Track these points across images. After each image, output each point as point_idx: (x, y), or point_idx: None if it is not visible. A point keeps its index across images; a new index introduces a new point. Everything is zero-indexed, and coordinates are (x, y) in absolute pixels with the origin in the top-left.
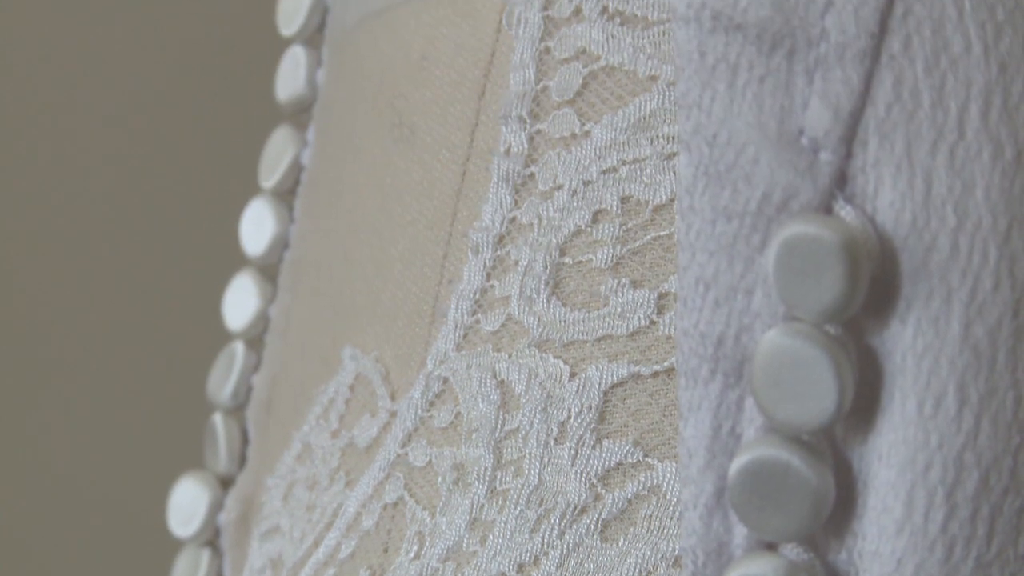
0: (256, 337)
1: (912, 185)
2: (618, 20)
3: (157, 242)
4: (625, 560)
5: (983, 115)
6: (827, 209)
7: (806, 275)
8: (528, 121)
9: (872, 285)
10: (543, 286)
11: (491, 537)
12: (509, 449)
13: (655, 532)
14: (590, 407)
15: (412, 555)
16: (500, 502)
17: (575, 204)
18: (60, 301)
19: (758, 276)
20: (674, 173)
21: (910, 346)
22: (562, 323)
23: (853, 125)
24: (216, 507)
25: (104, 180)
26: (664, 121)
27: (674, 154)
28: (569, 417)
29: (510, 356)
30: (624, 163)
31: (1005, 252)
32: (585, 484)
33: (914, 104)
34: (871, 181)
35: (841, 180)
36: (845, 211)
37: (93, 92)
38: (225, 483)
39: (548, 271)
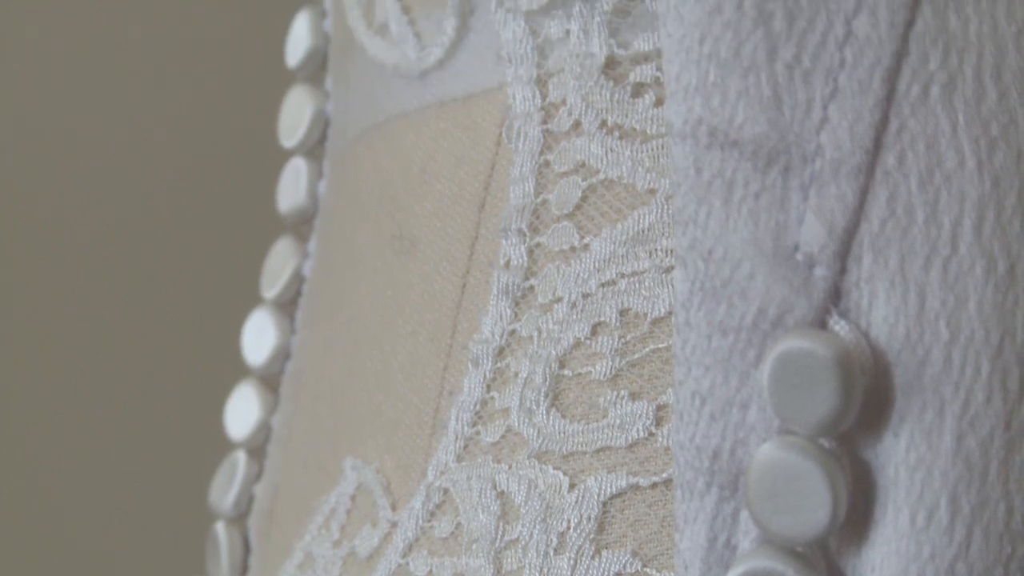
0: (258, 447)
1: (906, 300)
2: (617, 134)
3: (158, 352)
4: None
5: (976, 230)
6: (821, 324)
7: (800, 389)
8: (528, 234)
9: (866, 399)
10: (543, 398)
11: None
12: (509, 559)
13: None
14: (589, 518)
15: None
16: None
17: (574, 317)
18: (56, 419)
19: (753, 390)
20: (672, 286)
21: (903, 459)
22: (561, 434)
23: (848, 241)
24: None
25: (107, 283)
26: (662, 234)
27: (672, 267)
28: (568, 528)
29: (510, 467)
30: (623, 276)
31: (997, 365)
32: None
33: (908, 219)
34: (865, 296)
35: (835, 295)
36: (839, 326)
37: (99, 173)
38: None
39: (548, 383)
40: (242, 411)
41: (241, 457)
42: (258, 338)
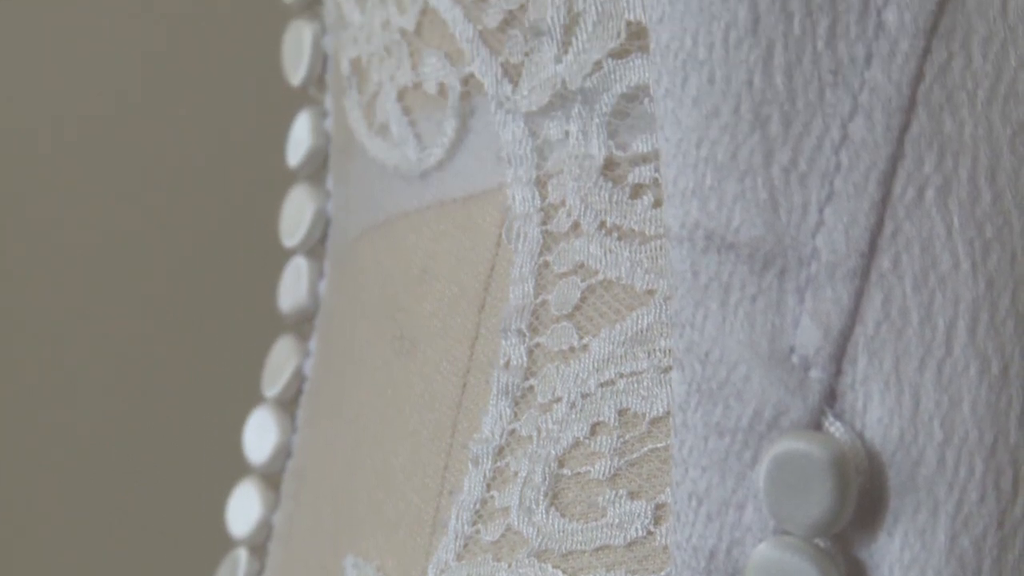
0: (260, 544)
1: (900, 401)
2: (616, 235)
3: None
4: None
5: (970, 331)
6: (817, 425)
7: (796, 490)
8: (527, 334)
9: (860, 499)
10: (542, 497)
11: None
12: None
13: None
14: None
15: None
16: None
17: (573, 416)
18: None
19: (749, 491)
20: (670, 386)
21: (897, 558)
22: (561, 533)
23: (843, 343)
24: None
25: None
26: (661, 335)
27: (670, 367)
28: None
29: (510, 566)
30: (622, 376)
31: (991, 465)
32: None
33: (903, 322)
34: (860, 398)
35: (831, 397)
36: (835, 427)
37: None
38: None
39: (547, 482)
40: (244, 509)
41: (243, 555)
42: (259, 436)
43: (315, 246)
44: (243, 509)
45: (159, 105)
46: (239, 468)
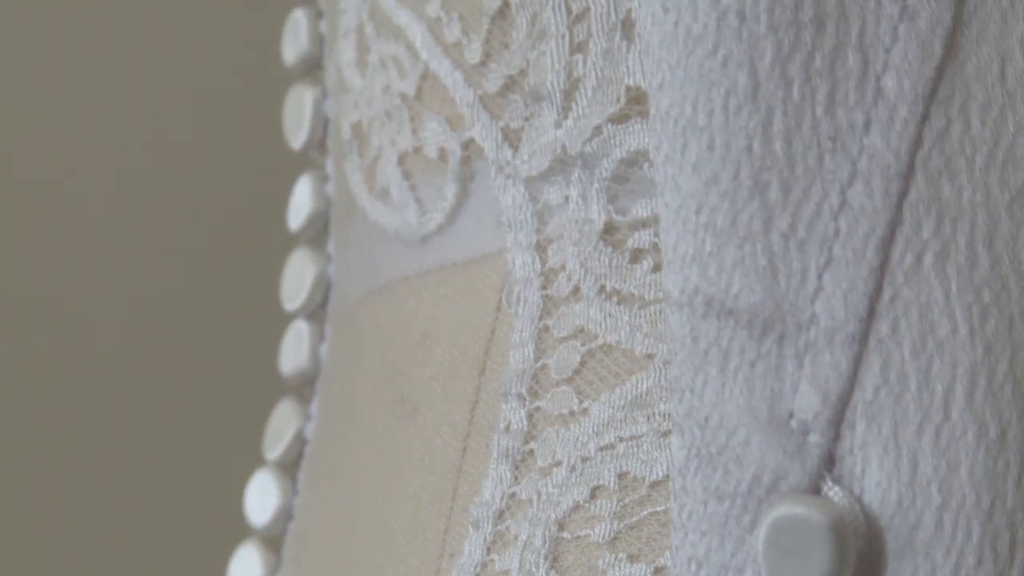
0: None
1: (899, 465)
2: (615, 299)
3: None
4: None
5: (968, 396)
6: (815, 490)
7: (795, 555)
8: (527, 399)
9: (859, 563)
10: (542, 560)
11: None
12: None
13: None
14: None
15: None
16: None
17: (573, 480)
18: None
19: (748, 555)
20: (670, 450)
21: None
22: None
23: (841, 408)
24: None
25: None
26: (660, 399)
27: (670, 431)
28: None
29: None
30: (621, 440)
31: (988, 529)
32: None
33: (901, 387)
34: (859, 462)
35: (829, 461)
36: (833, 492)
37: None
38: None
39: (547, 546)
40: (245, 571)
41: None
42: (261, 499)
43: (316, 309)
44: (245, 571)
45: (161, 172)
46: (240, 531)
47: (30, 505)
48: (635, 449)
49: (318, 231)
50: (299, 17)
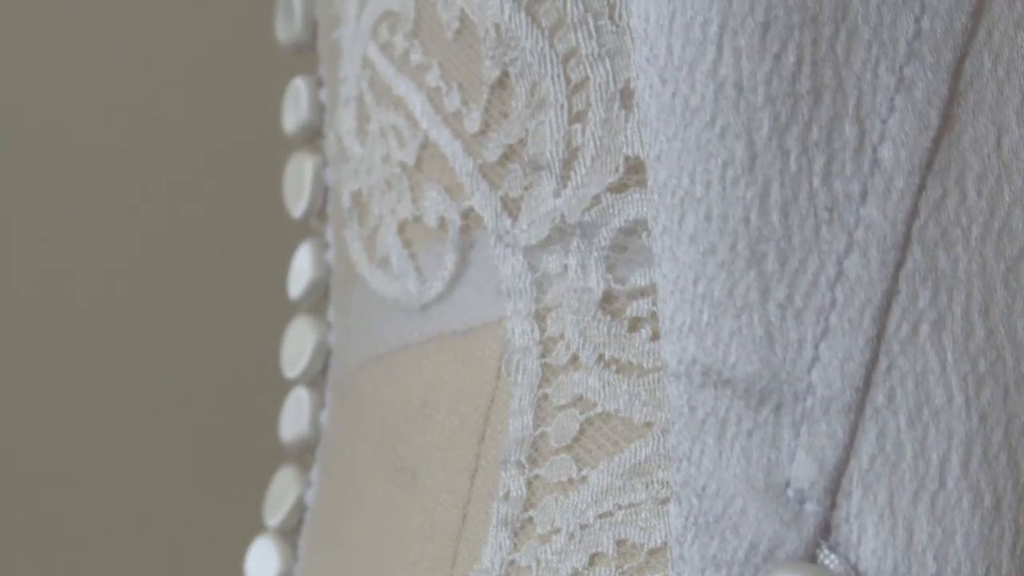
0: None
1: (894, 534)
2: (614, 368)
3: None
4: None
5: (964, 465)
6: (812, 558)
7: None
8: (527, 466)
9: None
10: None
11: None
12: None
13: None
14: None
15: None
16: None
17: (572, 547)
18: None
19: None
20: (668, 518)
21: None
22: None
23: (838, 477)
24: None
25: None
26: (658, 467)
27: (668, 499)
28: None
29: None
30: (620, 508)
31: None
32: None
33: (897, 455)
34: (855, 530)
35: (825, 530)
36: (829, 560)
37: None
38: None
39: None
40: None
41: None
42: (261, 566)
43: (316, 377)
44: None
45: (162, 253)
46: None
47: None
48: (633, 516)
49: (318, 299)
50: (299, 85)
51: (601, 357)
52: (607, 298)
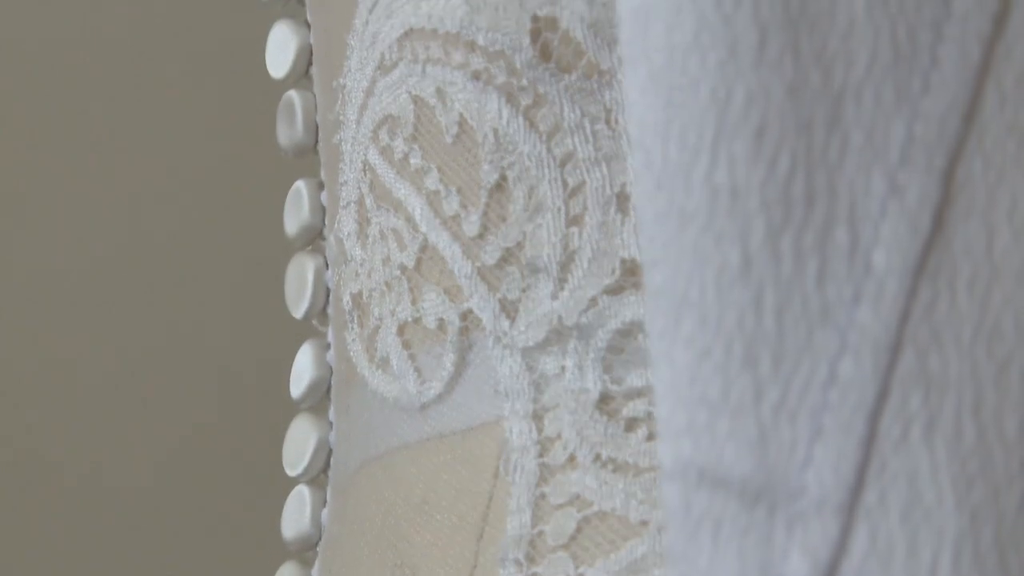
0: None
1: None
2: (610, 467)
3: None
4: None
5: (954, 563)
6: None
7: None
8: (525, 564)
9: None
10: None
11: None
12: None
13: None
14: None
15: None
16: None
17: None
18: None
19: None
20: None
21: None
22: None
23: (830, 575)
24: None
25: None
26: (655, 565)
27: None
28: None
29: None
30: None
31: None
32: None
33: (889, 554)
34: None
35: None
36: None
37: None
38: None
39: None
40: None
41: None
42: None
43: (318, 475)
44: None
45: (162, 366)
46: None
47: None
48: None
49: (319, 398)
50: (301, 188)
51: (598, 457)
52: (604, 399)
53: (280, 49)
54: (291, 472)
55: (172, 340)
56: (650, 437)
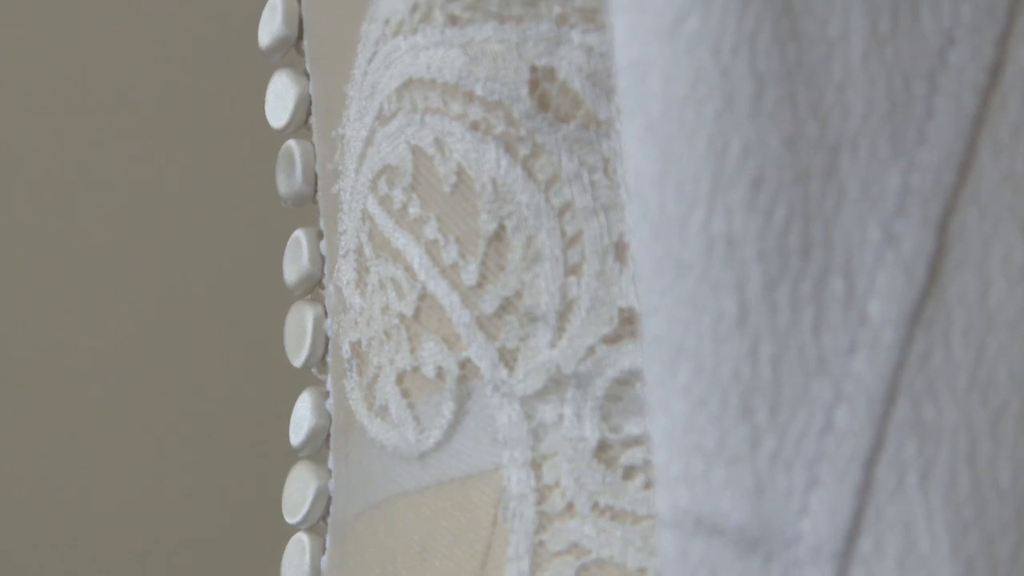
0: None
1: None
2: (608, 515)
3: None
4: None
5: None
6: None
7: None
8: None
9: None
10: None
11: None
12: None
13: None
14: None
15: None
16: None
17: None
18: None
19: None
20: None
21: None
22: None
23: None
24: None
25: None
26: None
27: None
28: None
29: None
30: None
31: None
32: None
33: None
34: None
35: None
36: None
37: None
38: None
39: None
40: None
41: None
42: None
43: (317, 522)
44: None
45: (162, 420)
46: None
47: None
48: None
49: (319, 446)
50: (300, 237)
51: (596, 505)
52: (602, 447)
53: (279, 99)
54: (290, 520)
55: (173, 389)
56: (648, 485)
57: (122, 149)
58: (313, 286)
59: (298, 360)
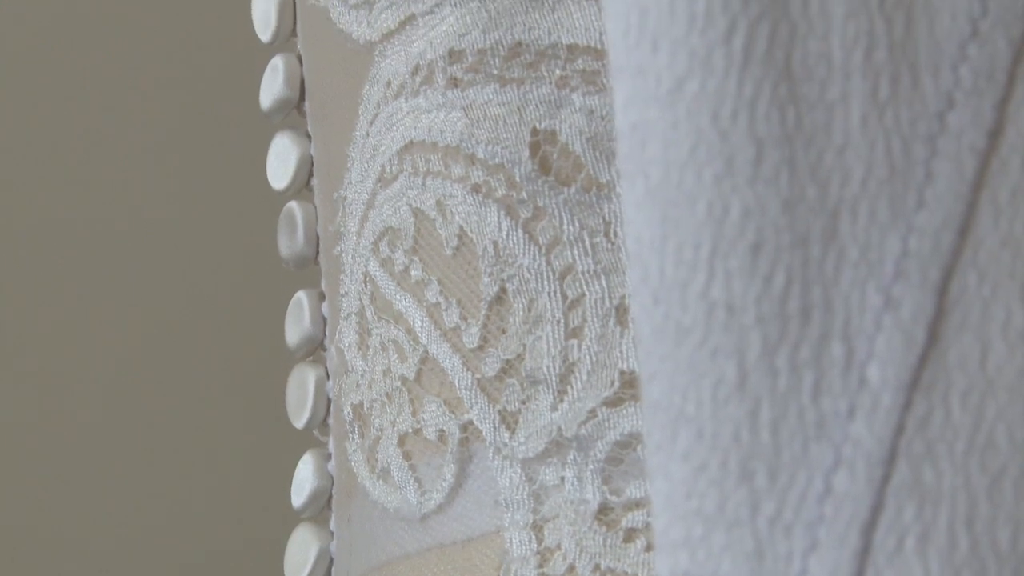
0: None
1: None
2: None
3: None
4: None
5: None
6: None
7: None
8: None
9: None
10: None
11: None
12: None
13: None
14: None
15: None
16: None
17: None
18: None
19: None
20: None
21: None
22: None
23: None
24: None
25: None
26: None
27: None
28: None
29: None
30: None
31: None
32: None
33: None
34: None
35: None
36: None
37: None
38: None
39: None
40: None
41: None
42: None
43: None
44: None
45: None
46: None
47: None
48: None
49: (321, 508)
50: (302, 299)
51: (597, 567)
52: (603, 510)
53: (281, 160)
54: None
55: (174, 452)
56: (649, 548)
57: (128, 215)
58: (315, 348)
59: (300, 422)
